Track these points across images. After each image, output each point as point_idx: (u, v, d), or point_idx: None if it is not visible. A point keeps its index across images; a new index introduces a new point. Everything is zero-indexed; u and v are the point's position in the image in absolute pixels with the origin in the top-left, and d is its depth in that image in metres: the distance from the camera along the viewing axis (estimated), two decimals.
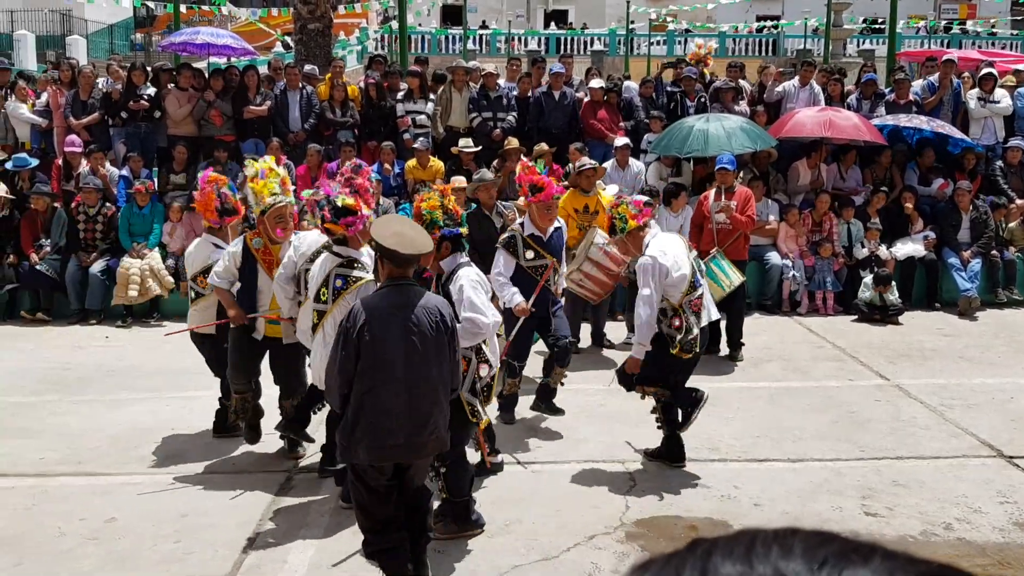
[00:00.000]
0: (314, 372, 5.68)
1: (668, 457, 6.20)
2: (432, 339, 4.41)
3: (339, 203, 5.43)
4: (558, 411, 7.18)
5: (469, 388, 5.21)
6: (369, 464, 4.45)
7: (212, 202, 6.63)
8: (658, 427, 6.24)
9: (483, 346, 5.30)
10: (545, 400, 7.17)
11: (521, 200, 8.89)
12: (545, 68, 12.94)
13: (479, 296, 5.10)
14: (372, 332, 4.33)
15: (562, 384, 7.13)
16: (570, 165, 10.98)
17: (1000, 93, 12.48)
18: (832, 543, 0.62)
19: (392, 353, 4.33)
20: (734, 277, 8.51)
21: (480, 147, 11.40)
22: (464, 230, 5.42)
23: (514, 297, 6.64)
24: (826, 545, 0.61)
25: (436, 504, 5.10)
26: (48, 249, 10.87)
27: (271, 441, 6.61)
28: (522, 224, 6.91)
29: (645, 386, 6.15)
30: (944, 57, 13.20)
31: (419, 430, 4.42)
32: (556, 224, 6.96)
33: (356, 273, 5.42)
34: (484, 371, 5.31)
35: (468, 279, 5.15)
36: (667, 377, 6.11)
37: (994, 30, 39.20)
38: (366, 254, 5.55)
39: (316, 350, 5.56)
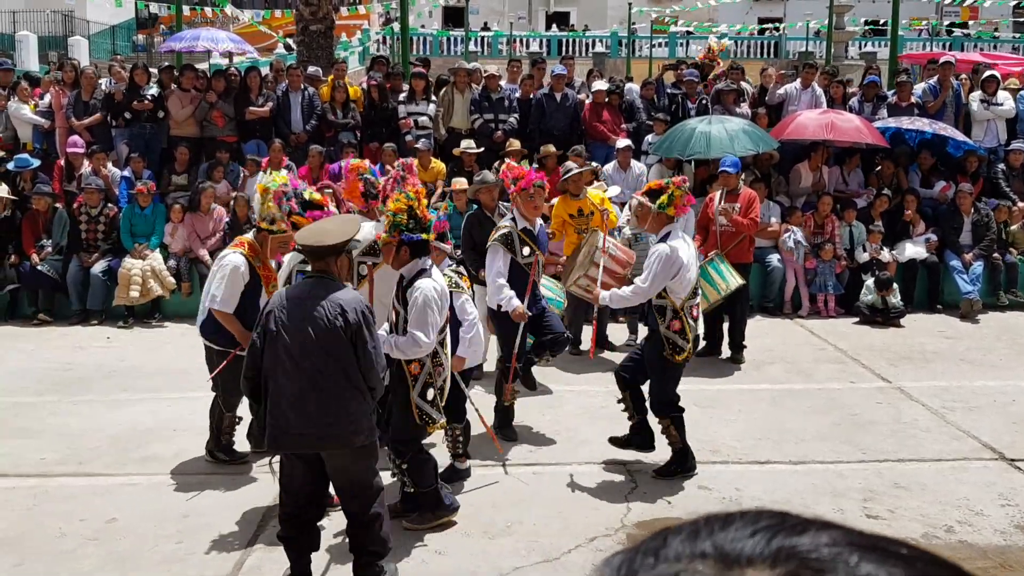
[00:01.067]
0: None
1: (681, 469, 6.15)
2: (327, 333, 4.37)
3: (307, 196, 5.52)
4: (532, 384, 7.05)
5: (420, 392, 5.17)
6: (275, 453, 4.56)
7: (357, 189, 6.64)
8: (669, 444, 6.15)
9: (439, 349, 5.24)
10: (525, 372, 6.98)
11: None
12: (545, 69, 12.96)
13: (431, 315, 5.01)
14: (274, 318, 4.40)
15: (544, 363, 7.25)
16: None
17: (1003, 95, 12.48)
18: (771, 517, 0.65)
19: (288, 341, 4.37)
20: (731, 281, 8.49)
21: (482, 148, 11.40)
22: (429, 236, 5.25)
23: (512, 301, 6.49)
24: (764, 519, 0.64)
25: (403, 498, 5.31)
26: (49, 249, 10.87)
27: None
28: (513, 220, 6.81)
29: (672, 416, 6.07)
30: (943, 59, 13.19)
31: (314, 423, 4.41)
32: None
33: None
34: (438, 374, 5.28)
35: (428, 292, 5.03)
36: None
37: (996, 33, 39.18)
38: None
39: None
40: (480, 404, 6.40)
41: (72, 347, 9.61)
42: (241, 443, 6.53)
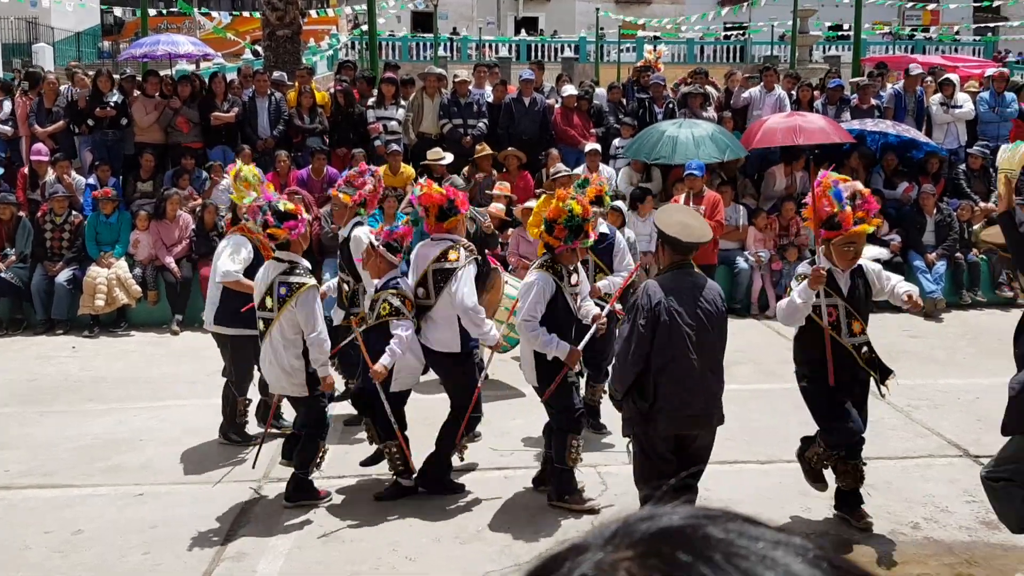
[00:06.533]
0: (266, 376, 5.87)
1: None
2: (716, 317, 4.75)
3: (281, 208, 5.58)
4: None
5: None
6: (664, 435, 4.74)
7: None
8: None
9: None
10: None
11: (493, 207, 8.90)
12: (498, 74, 13.30)
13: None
14: (670, 309, 4.62)
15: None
16: (543, 171, 11.04)
17: (962, 98, 12.70)
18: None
19: (687, 328, 4.62)
20: None
21: (452, 157, 11.35)
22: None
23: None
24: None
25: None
26: (13, 258, 10.71)
27: (239, 451, 6.58)
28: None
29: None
30: (911, 68, 13.41)
31: (711, 401, 4.78)
32: None
33: (296, 279, 5.58)
34: None
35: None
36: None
37: (957, 36, 39.76)
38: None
39: (266, 355, 5.69)
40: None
41: (37, 357, 9.48)
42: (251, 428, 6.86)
